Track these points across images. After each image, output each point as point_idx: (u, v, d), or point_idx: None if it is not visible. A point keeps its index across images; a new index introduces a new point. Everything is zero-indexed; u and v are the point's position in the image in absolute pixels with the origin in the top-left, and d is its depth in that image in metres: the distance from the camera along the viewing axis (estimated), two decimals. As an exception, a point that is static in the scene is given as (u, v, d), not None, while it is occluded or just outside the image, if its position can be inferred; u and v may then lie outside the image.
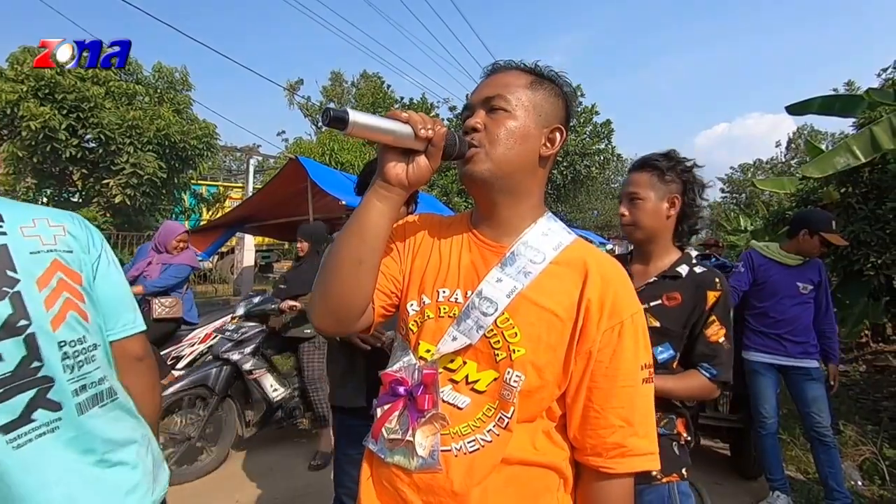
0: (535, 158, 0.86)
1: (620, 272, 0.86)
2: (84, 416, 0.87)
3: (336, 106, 0.74)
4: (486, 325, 0.81)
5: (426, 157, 0.80)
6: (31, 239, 0.87)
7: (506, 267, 0.85)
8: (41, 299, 0.85)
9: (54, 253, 0.89)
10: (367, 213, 0.81)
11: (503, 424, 0.80)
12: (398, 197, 0.82)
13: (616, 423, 0.80)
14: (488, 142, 0.83)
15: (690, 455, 1.51)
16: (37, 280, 0.85)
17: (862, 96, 5.82)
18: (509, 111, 0.84)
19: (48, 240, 0.89)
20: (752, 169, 31.42)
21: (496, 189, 0.86)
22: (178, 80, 8.56)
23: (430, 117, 0.79)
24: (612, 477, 0.81)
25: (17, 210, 0.90)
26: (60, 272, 0.89)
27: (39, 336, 0.83)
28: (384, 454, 0.85)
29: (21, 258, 0.84)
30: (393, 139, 0.77)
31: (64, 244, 0.91)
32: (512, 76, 0.87)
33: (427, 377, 0.82)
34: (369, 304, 0.87)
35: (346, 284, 0.82)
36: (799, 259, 2.91)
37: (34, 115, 6.40)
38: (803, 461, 3.51)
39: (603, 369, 0.81)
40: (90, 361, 0.91)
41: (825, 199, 4.93)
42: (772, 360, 2.92)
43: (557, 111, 0.88)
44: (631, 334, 0.81)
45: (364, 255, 0.81)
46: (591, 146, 19.54)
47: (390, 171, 0.80)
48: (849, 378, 5.59)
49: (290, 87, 24.34)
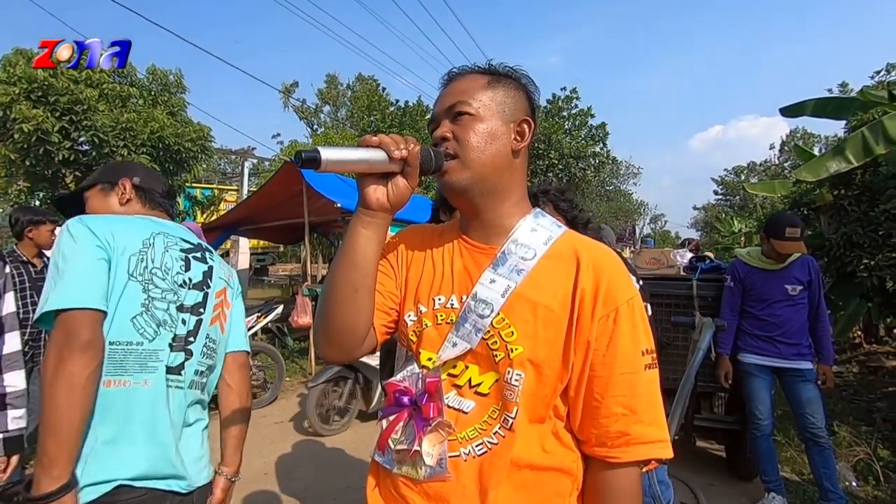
0: (509, 153, 0.87)
1: (613, 259, 0.86)
2: (192, 391, 1.22)
3: (307, 147, 0.75)
4: (483, 327, 0.81)
5: (404, 177, 0.81)
6: (221, 269, 1.38)
7: (498, 267, 0.85)
8: (212, 304, 1.30)
9: (224, 282, 1.38)
10: (356, 241, 0.83)
11: (508, 426, 0.80)
12: (382, 221, 0.84)
13: (618, 412, 0.79)
14: (460, 148, 0.83)
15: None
16: (216, 293, 1.32)
17: (854, 98, 5.88)
18: (473, 114, 0.84)
19: (225, 274, 1.40)
20: (746, 171, 31.64)
21: (477, 193, 0.86)
22: (172, 83, 8.50)
23: (401, 137, 0.80)
24: (617, 466, 0.80)
25: (220, 259, 1.40)
26: (223, 295, 1.36)
27: (203, 324, 1.26)
28: (391, 465, 0.85)
29: (215, 279, 1.34)
30: (368, 167, 0.79)
31: (231, 280, 1.42)
32: (468, 80, 0.87)
33: (430, 385, 0.82)
34: (370, 327, 0.89)
35: (345, 313, 0.84)
36: (780, 262, 2.93)
37: (27, 117, 6.34)
38: (798, 462, 3.53)
39: (601, 357, 0.80)
40: (211, 358, 1.29)
41: (818, 202, 4.97)
42: (766, 362, 2.93)
43: (521, 104, 0.89)
44: (628, 319, 0.80)
45: (358, 281, 0.83)
46: (585, 149, 19.61)
47: (371, 197, 0.81)
48: (843, 379, 5.63)
49: (286, 90, 24.33)
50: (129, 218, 1.24)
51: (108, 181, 1.36)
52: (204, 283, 1.28)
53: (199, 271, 1.28)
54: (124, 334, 1.09)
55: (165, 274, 1.18)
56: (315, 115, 24.73)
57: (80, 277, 1.04)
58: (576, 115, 20.59)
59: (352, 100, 23.36)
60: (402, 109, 18.65)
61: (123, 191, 1.33)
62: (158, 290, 1.16)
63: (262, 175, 18.80)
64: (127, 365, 1.08)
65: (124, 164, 1.46)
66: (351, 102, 23.17)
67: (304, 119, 24.53)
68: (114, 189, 1.35)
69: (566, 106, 20.52)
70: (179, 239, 1.28)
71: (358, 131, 18.34)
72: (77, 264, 1.05)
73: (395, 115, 18.41)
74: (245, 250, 14.91)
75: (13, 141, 6.54)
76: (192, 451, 1.20)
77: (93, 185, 1.37)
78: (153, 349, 1.12)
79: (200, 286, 1.27)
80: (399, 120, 18.07)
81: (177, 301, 1.19)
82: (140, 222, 1.23)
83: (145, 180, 1.38)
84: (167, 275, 1.19)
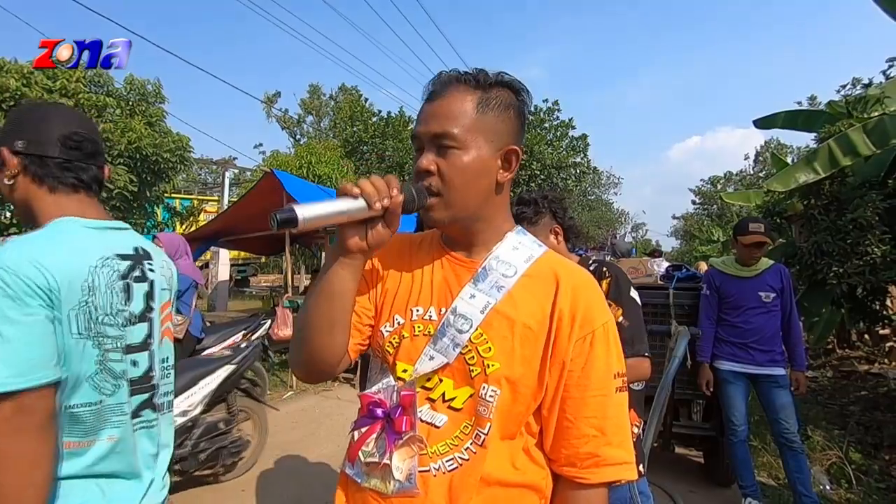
0: (492, 188, 0.86)
1: (590, 282, 0.87)
2: (163, 417, 1.12)
3: (282, 209, 0.71)
4: (462, 342, 0.81)
5: (385, 223, 0.78)
6: (161, 277, 1.14)
7: (478, 282, 0.85)
8: (158, 328, 1.11)
9: (168, 291, 1.17)
10: (333, 279, 0.81)
11: (479, 441, 0.80)
12: (360, 262, 0.82)
13: (589, 433, 0.80)
14: (444, 187, 0.81)
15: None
16: (160, 310, 1.12)
17: (822, 111, 6.09)
18: (460, 147, 0.80)
19: (167, 282, 1.16)
20: (722, 181, 32.36)
21: (460, 224, 0.87)
22: (150, 93, 8.40)
23: (384, 183, 0.76)
24: (586, 487, 0.81)
25: (156, 251, 1.17)
26: (169, 307, 1.17)
27: (155, 353, 1.09)
28: (360, 478, 0.84)
29: (157, 292, 1.11)
30: (348, 217, 0.75)
31: (170, 283, 1.19)
32: (457, 102, 0.82)
33: (405, 399, 0.82)
34: (345, 354, 0.88)
35: (321, 345, 0.84)
36: (754, 269, 3.01)
37: (-2, 127, 6.21)
38: (774, 467, 3.58)
39: (575, 379, 0.81)
40: (170, 375, 1.17)
41: (790, 211, 5.12)
42: (741, 369, 2.99)
43: (510, 127, 0.85)
44: (602, 343, 0.82)
45: (335, 316, 0.83)
46: (567, 159, 19.88)
47: (349, 242, 0.78)
48: (816, 384, 5.75)
49: (268, 100, 24.17)
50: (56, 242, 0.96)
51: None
52: (147, 310, 1.08)
53: (140, 297, 1.07)
54: (83, 396, 0.95)
55: (114, 318, 0.99)
56: (298, 125, 24.63)
57: (31, 347, 0.86)
58: (557, 126, 20.89)
59: (335, 110, 23.32)
60: (384, 120, 18.69)
61: (6, 167, 1.00)
62: (110, 339, 0.98)
63: (243, 185, 18.59)
64: (89, 425, 0.95)
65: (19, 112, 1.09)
66: (334, 113, 23.12)
67: (287, 129, 24.40)
68: None
69: (548, 117, 20.82)
70: (116, 258, 1.02)
71: (340, 142, 18.30)
72: (23, 332, 0.86)
73: (377, 125, 18.44)
74: (226, 262, 14.71)
75: (-16, 151, 6.38)
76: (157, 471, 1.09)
77: None
78: (115, 403, 0.99)
79: (144, 315, 1.07)
80: (381, 131, 18.09)
81: (123, 346, 1.01)
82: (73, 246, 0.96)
83: (34, 139, 1.00)
84: (115, 319, 1.00)
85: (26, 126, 1.01)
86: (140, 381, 1.05)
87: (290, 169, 12.25)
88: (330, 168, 12.63)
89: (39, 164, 1.00)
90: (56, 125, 1.02)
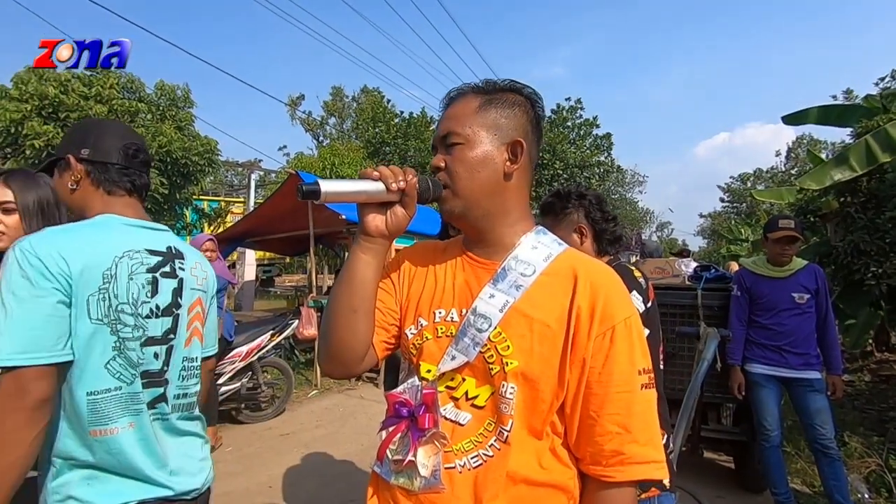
0: (500, 178, 0.88)
1: (611, 278, 0.86)
2: (178, 417, 1.15)
3: (307, 182, 0.80)
4: (481, 341, 0.83)
5: (402, 206, 0.85)
6: (193, 277, 1.21)
7: (498, 282, 0.86)
8: (185, 323, 1.17)
9: (198, 291, 1.22)
10: (355, 266, 0.87)
11: (503, 438, 0.80)
12: (381, 246, 0.88)
13: (613, 430, 0.79)
14: (450, 178, 0.87)
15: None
16: (188, 308, 1.18)
17: (859, 105, 5.87)
18: (463, 143, 0.86)
19: (199, 282, 1.23)
20: (752, 178, 31.50)
21: (472, 218, 0.89)
22: (180, 98, 8.65)
23: (400, 168, 0.83)
24: (612, 486, 0.80)
25: (188, 250, 1.24)
26: (198, 307, 1.22)
27: (176, 348, 1.14)
28: (388, 476, 0.86)
29: (186, 292, 1.18)
30: (367, 197, 0.83)
31: (204, 285, 1.26)
32: (461, 105, 0.89)
33: (427, 397, 0.84)
34: (370, 346, 0.92)
35: (345, 333, 0.88)
36: (787, 270, 2.92)
37: (38, 133, 6.48)
38: (809, 474, 3.47)
39: (597, 375, 0.80)
40: (194, 377, 1.21)
41: (824, 209, 4.95)
42: (773, 372, 2.90)
43: (515, 122, 0.89)
44: (624, 338, 0.81)
45: (356, 303, 0.88)
46: (590, 158, 19.64)
47: (370, 225, 0.85)
48: (854, 388, 5.54)
49: (292, 103, 24.61)
50: (86, 233, 1.05)
51: (62, 156, 1.13)
52: (174, 305, 1.14)
53: (167, 292, 1.13)
54: (101, 382, 1.00)
55: (133, 307, 1.05)
56: (321, 127, 24.99)
57: (35, 327, 0.91)
58: (580, 125, 20.66)
59: (357, 112, 23.58)
60: (406, 121, 18.79)
61: (71, 172, 1.11)
62: (128, 328, 1.04)
63: (268, 187, 18.95)
64: (110, 412, 1.01)
65: (78, 128, 1.22)
66: (356, 114, 23.39)
67: (310, 131, 24.80)
68: (66, 168, 1.13)
69: (570, 116, 20.62)
70: (145, 253, 1.10)
71: (363, 143, 18.49)
72: (29, 310, 0.92)
73: (399, 126, 18.56)
74: (252, 262, 15.02)
75: (24, 157, 6.67)
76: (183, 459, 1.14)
77: (56, 160, 1.16)
78: (133, 391, 1.05)
79: (169, 310, 1.13)
80: (403, 131, 18.21)
81: (143, 336, 1.07)
82: (101, 238, 1.05)
83: (98, 148, 1.12)
84: (134, 308, 1.06)
85: (89, 137, 1.14)
86: (157, 374, 1.10)
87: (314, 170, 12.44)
88: (353, 169, 12.80)
89: (102, 169, 1.12)
90: (116, 137, 1.16)
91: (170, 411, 1.13)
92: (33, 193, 1.36)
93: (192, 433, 1.20)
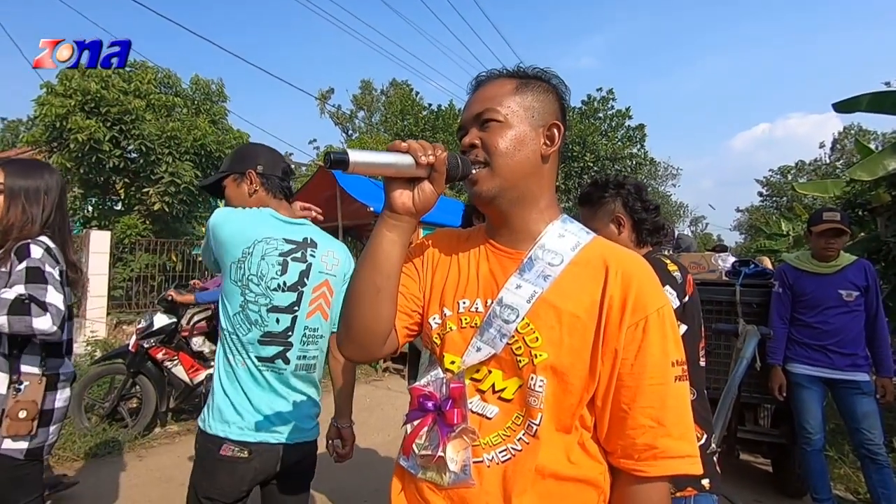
0: (538, 159, 0.86)
1: (643, 267, 0.83)
2: (295, 373, 1.46)
3: (337, 150, 0.78)
4: (508, 332, 0.81)
5: (430, 182, 0.81)
6: (323, 263, 1.52)
7: (524, 272, 0.84)
8: (309, 299, 1.47)
9: (326, 275, 1.53)
10: (380, 243, 0.83)
11: (532, 432, 0.79)
12: (407, 225, 0.84)
13: (646, 424, 0.77)
14: (489, 155, 0.83)
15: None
16: (313, 288, 1.49)
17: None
18: (501, 121, 0.84)
19: (329, 267, 1.53)
20: (794, 171, 30.20)
21: (506, 201, 0.86)
22: (214, 92, 8.87)
23: (429, 143, 0.80)
24: (645, 480, 0.78)
25: (325, 241, 1.57)
26: (325, 287, 1.52)
27: (299, 319, 1.46)
28: (416, 471, 0.85)
29: (313, 274, 1.49)
30: (395, 171, 0.80)
31: (335, 271, 1.55)
32: (496, 86, 0.87)
33: (455, 391, 0.82)
34: (392, 329, 0.89)
35: (367, 313, 0.85)
36: (834, 266, 2.77)
37: (81, 128, 6.73)
38: (853, 480, 3.32)
39: (629, 367, 0.78)
40: (315, 343, 1.50)
41: (875, 202, 4.68)
42: (817, 373, 2.77)
43: (550, 107, 0.88)
44: (657, 329, 0.78)
45: (380, 283, 0.84)
46: (622, 150, 19.19)
47: (397, 201, 0.81)
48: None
49: (322, 97, 24.87)
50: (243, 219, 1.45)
51: (239, 171, 1.55)
52: (299, 284, 1.46)
53: (295, 273, 1.45)
54: (231, 326, 1.40)
55: (260, 280, 1.40)
56: (350, 120, 25.22)
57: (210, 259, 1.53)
58: (612, 116, 20.20)
59: (386, 105, 23.69)
60: (434, 113, 18.77)
61: (251, 182, 1.53)
62: (252, 294, 1.40)
63: (298, 180, 19.25)
64: (235, 349, 1.40)
65: (250, 151, 1.61)
66: (385, 107, 23.50)
67: (340, 125, 25.05)
68: (244, 179, 1.53)
69: (602, 107, 20.17)
70: (281, 241, 1.45)
71: (391, 136, 18.57)
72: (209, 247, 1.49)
73: (427, 119, 18.55)
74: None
75: (69, 150, 6.95)
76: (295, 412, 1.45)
77: (228, 174, 1.57)
78: (247, 341, 1.40)
79: (295, 287, 1.45)
80: (432, 124, 18.20)
81: (268, 304, 1.40)
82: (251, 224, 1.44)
83: (267, 166, 1.55)
84: (261, 281, 1.40)
85: (260, 158, 1.56)
86: (280, 335, 1.42)
87: (343, 163, 12.48)
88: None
89: (272, 180, 1.55)
90: (277, 158, 1.60)
91: (287, 367, 1.43)
92: (23, 181, 1.50)
93: (303, 393, 1.48)
